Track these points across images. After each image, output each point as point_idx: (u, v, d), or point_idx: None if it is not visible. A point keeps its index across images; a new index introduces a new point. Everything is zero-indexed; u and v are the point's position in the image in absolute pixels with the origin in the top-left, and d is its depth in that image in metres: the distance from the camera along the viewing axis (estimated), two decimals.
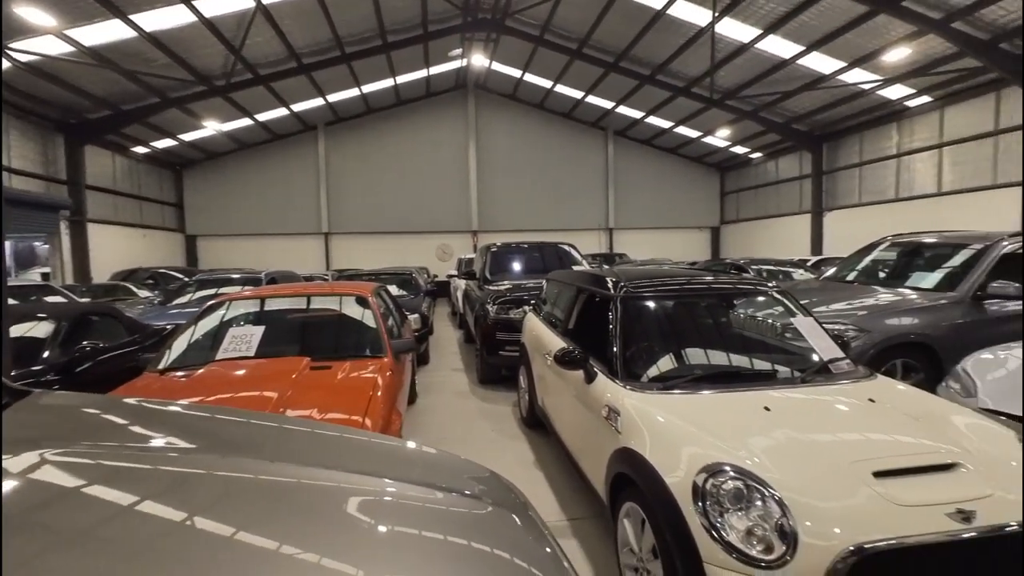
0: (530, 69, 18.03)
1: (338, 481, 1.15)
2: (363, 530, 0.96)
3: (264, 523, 0.90)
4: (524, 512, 1.20)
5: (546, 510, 3.14)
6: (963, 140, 12.82)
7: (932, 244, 5.72)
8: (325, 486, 1.11)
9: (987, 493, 1.70)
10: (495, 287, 6.65)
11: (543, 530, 1.12)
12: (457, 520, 1.02)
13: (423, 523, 1.02)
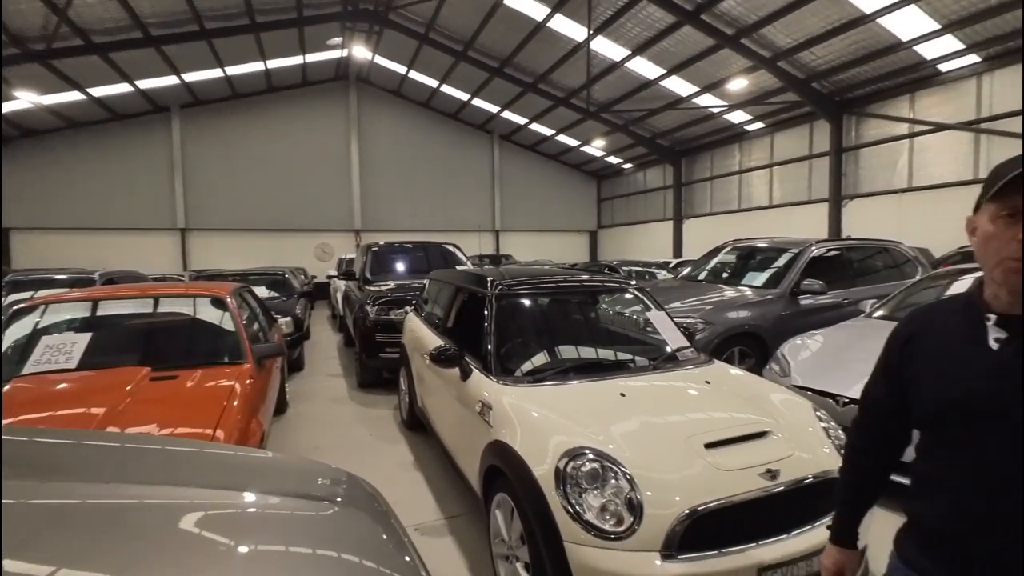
0: (415, 67, 17.76)
1: (175, 498, 1.06)
2: (198, 546, 0.89)
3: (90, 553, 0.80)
4: (378, 511, 1.18)
5: (424, 510, 3.11)
6: (788, 161, 15.20)
7: (762, 248, 6.68)
8: (161, 504, 1.02)
9: (788, 454, 2.03)
10: (376, 287, 6.43)
11: (396, 528, 1.11)
12: (302, 525, 0.97)
13: (263, 532, 0.96)
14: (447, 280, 4.15)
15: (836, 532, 1.21)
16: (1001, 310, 0.93)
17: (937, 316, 1.06)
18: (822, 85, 12.84)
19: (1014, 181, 0.86)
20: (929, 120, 11.64)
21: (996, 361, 0.92)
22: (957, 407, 0.96)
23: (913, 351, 1.05)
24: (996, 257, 0.90)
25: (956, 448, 0.97)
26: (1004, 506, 0.90)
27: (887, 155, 12.61)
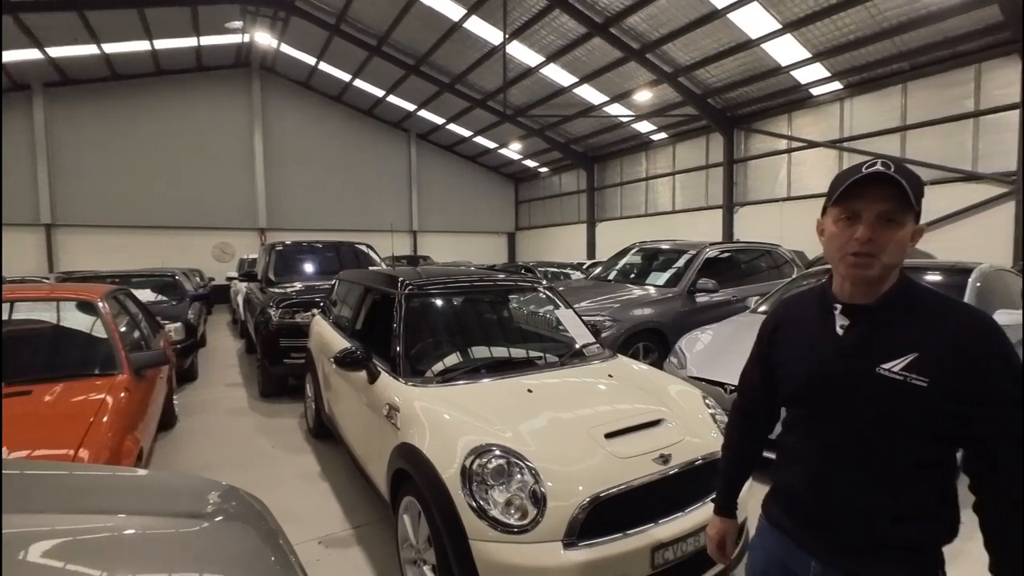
0: (326, 58, 16.95)
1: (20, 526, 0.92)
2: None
3: None
4: (264, 527, 1.10)
5: (330, 522, 2.96)
6: (688, 170, 16.39)
7: (665, 250, 7.14)
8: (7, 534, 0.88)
9: (679, 439, 2.18)
10: (280, 289, 6.04)
11: (283, 545, 1.05)
12: (164, 545, 0.88)
13: (118, 556, 0.86)
14: (356, 280, 4.00)
15: (718, 503, 1.36)
16: (845, 300, 1.06)
17: (798, 307, 1.19)
18: (716, 101, 14.01)
19: (850, 188, 0.99)
20: (803, 138, 13.12)
21: (841, 346, 1.05)
22: (811, 387, 1.08)
23: (779, 338, 1.19)
24: (839, 253, 1.03)
25: (811, 423, 1.11)
26: (848, 473, 1.03)
27: (770, 167, 14.03)
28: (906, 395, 0.95)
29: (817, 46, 11.00)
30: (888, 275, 1.01)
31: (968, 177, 10.43)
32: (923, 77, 10.93)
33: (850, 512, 1.02)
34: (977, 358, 0.94)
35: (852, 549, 1.02)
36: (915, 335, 0.98)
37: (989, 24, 9.32)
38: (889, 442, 0.98)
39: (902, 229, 0.97)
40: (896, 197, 0.96)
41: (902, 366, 0.96)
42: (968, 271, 4.25)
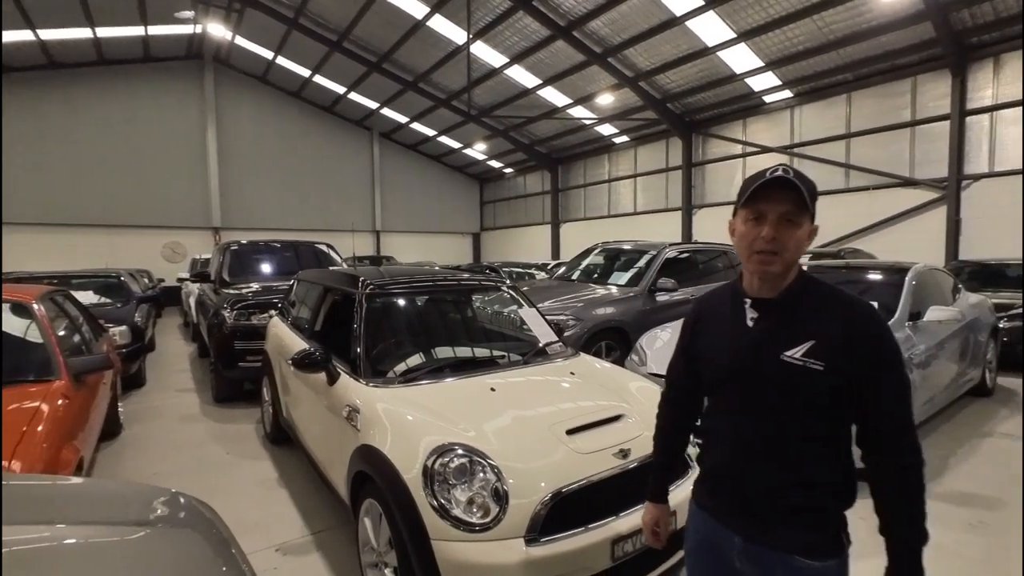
0: (284, 53, 16.46)
1: None
2: None
3: None
4: (214, 533, 1.06)
5: (288, 528, 2.88)
6: (649, 173, 16.78)
7: (626, 250, 7.28)
8: None
9: (639, 434, 2.23)
10: (235, 290, 5.83)
11: (230, 547, 1.01)
12: (98, 554, 0.83)
13: (46, 566, 0.80)
14: (315, 281, 3.90)
15: (651, 491, 1.44)
16: (754, 295, 1.16)
17: (715, 302, 1.29)
18: (675, 106, 14.41)
19: (756, 191, 1.08)
20: (757, 143, 13.66)
21: (751, 337, 1.14)
22: (727, 375, 1.18)
23: (699, 331, 1.29)
24: (748, 251, 1.11)
25: (728, 409, 1.21)
26: (760, 452, 1.13)
27: (726, 171, 14.54)
28: (806, 378, 1.06)
29: (769, 55, 11.47)
30: (789, 271, 1.12)
31: (906, 183, 11.11)
32: (865, 88, 11.57)
33: (763, 487, 1.12)
34: (864, 344, 1.06)
35: (768, 521, 1.12)
36: (812, 324, 1.09)
37: (923, 40, 9.95)
38: (793, 421, 1.09)
39: (800, 228, 1.08)
40: (794, 200, 1.06)
41: (802, 352, 1.07)
42: (905, 270, 4.52)
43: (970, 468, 3.54)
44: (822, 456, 1.10)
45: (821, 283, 1.14)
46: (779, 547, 1.10)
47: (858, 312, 1.09)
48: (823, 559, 1.08)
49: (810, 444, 1.10)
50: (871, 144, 11.60)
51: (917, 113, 10.88)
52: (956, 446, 3.93)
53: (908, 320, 4.05)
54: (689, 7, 10.48)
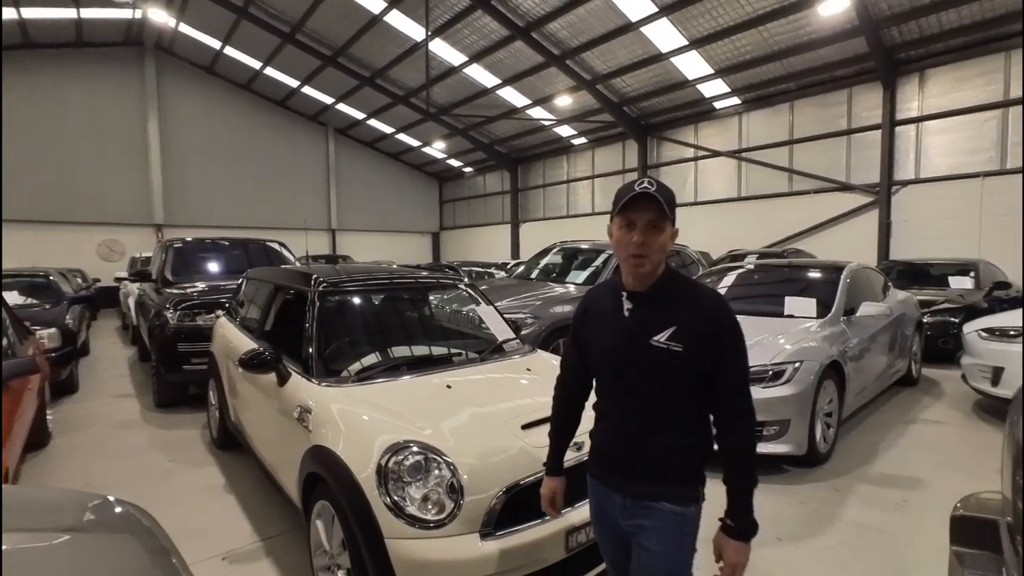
0: (233, 43, 15.78)
1: None
2: None
3: None
4: (146, 536, 1.01)
5: (236, 536, 2.77)
6: (606, 174, 17.12)
7: (584, 250, 7.41)
8: None
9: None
10: (179, 290, 5.55)
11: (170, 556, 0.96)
12: (32, 560, 0.78)
13: None
14: (265, 279, 3.76)
15: (548, 465, 1.62)
16: (629, 289, 1.34)
17: (600, 297, 1.46)
18: (631, 109, 14.77)
19: (626, 203, 1.24)
20: (708, 147, 14.18)
21: (626, 325, 1.33)
22: (608, 359, 1.37)
23: (587, 321, 1.46)
24: (624, 254, 1.29)
25: (609, 390, 1.40)
26: (634, 423, 1.34)
27: (680, 174, 15.02)
28: (669, 359, 1.26)
29: (719, 63, 11.93)
30: (657, 269, 1.31)
31: (843, 187, 11.81)
32: (807, 97, 12.22)
33: (640, 452, 1.34)
34: (716, 329, 1.28)
35: (643, 478, 1.34)
36: (675, 313, 1.29)
37: (858, 54, 10.61)
38: (663, 396, 1.31)
39: (663, 233, 1.27)
40: (657, 209, 1.24)
41: (666, 337, 1.27)
42: (841, 269, 4.81)
43: (897, 452, 3.81)
44: (686, 424, 1.33)
45: (684, 278, 1.39)
46: (652, 498, 1.32)
47: (711, 301, 1.31)
48: (684, 505, 1.32)
49: (676, 414, 1.32)
50: (812, 150, 12.27)
51: (852, 122, 11.59)
52: (885, 432, 4.22)
53: (843, 315, 4.31)
54: (643, 14, 10.77)
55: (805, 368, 3.51)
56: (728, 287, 5.29)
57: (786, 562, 2.47)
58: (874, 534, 2.70)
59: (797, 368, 3.50)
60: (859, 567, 2.43)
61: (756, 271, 5.54)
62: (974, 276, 7.72)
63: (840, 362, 3.82)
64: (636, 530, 1.34)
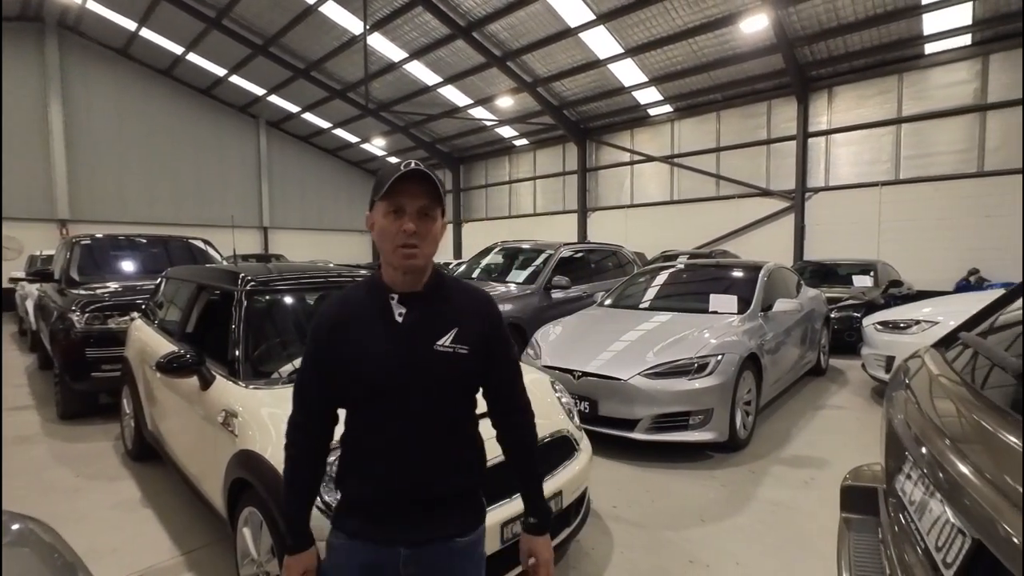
0: (151, 25, 14.66)
1: None
2: None
3: None
4: (47, 551, 0.95)
5: (155, 552, 2.60)
6: (547, 176, 17.43)
7: (524, 250, 7.51)
8: None
9: None
10: (87, 290, 5.10)
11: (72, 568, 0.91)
12: None
13: None
14: (187, 278, 3.55)
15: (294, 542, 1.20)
16: (400, 290, 1.14)
17: (351, 307, 1.17)
18: (571, 113, 15.13)
19: (394, 185, 1.07)
20: (643, 152, 14.80)
21: (403, 331, 1.12)
22: (384, 377, 1.10)
23: (337, 339, 1.13)
24: (392, 245, 1.09)
25: (386, 416, 1.11)
26: (421, 449, 1.12)
27: (617, 177, 15.57)
28: (457, 362, 1.12)
29: (653, 72, 12.49)
30: (429, 264, 1.15)
31: (763, 193, 12.70)
32: (731, 108, 13.04)
33: (426, 485, 1.12)
34: (492, 325, 1.19)
35: (432, 516, 1.13)
36: (454, 313, 1.16)
37: (775, 69, 11.45)
38: (447, 407, 1.15)
39: (436, 223, 1.12)
40: (429, 193, 1.10)
41: (450, 339, 1.12)
42: (759, 268, 5.19)
43: (806, 436, 4.17)
44: (465, 437, 1.20)
45: (448, 276, 1.23)
46: (442, 536, 1.14)
47: (483, 298, 1.23)
48: (473, 531, 1.19)
49: (459, 427, 1.18)
50: (737, 158, 13.12)
51: (772, 133, 12.50)
52: (797, 418, 4.61)
53: (761, 311, 4.66)
54: (582, 20, 11.07)
55: (726, 360, 3.76)
56: (660, 285, 5.57)
57: (707, 542, 2.65)
58: (784, 510, 2.95)
59: (719, 361, 3.74)
60: (771, 540, 2.65)
61: (685, 270, 5.86)
62: (873, 275, 8.56)
63: (758, 354, 4.13)
64: None
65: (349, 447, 1.17)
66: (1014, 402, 0.92)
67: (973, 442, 0.93)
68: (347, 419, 1.17)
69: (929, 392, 1.21)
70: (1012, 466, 0.80)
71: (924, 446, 1.02)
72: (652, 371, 3.69)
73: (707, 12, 10.27)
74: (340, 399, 1.17)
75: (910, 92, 10.62)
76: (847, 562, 1.35)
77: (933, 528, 0.91)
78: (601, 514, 2.92)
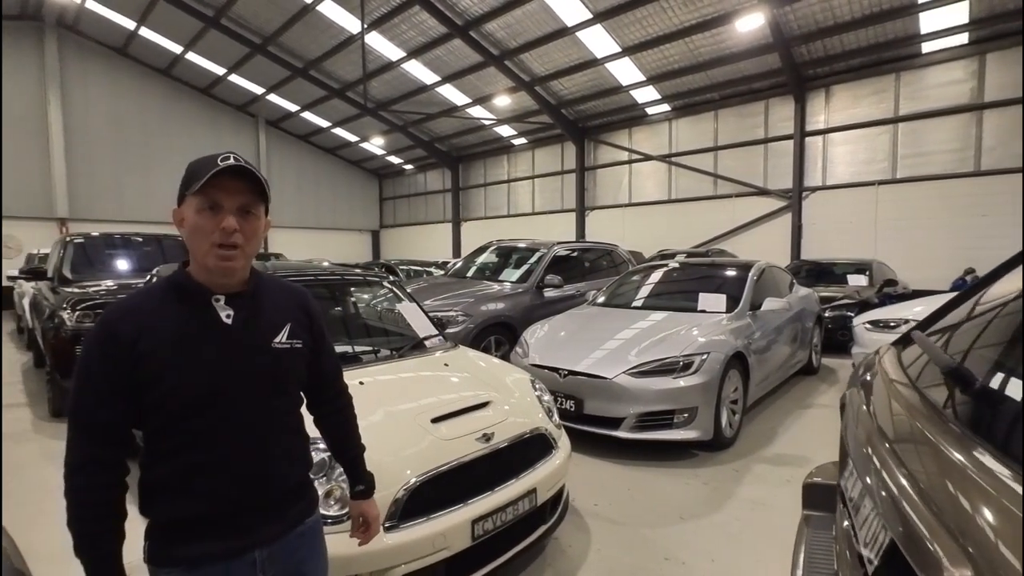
0: (149, 24, 14.69)
1: None
2: None
3: None
4: None
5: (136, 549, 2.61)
6: (546, 175, 17.43)
7: (519, 248, 7.52)
8: None
9: (503, 419, 2.35)
10: (79, 288, 5.13)
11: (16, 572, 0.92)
12: None
13: None
14: None
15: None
16: (222, 291, 1.07)
17: (152, 312, 1.04)
18: (569, 112, 15.12)
19: (211, 180, 1.01)
20: (640, 151, 14.78)
21: (235, 334, 1.07)
22: (211, 386, 1.03)
23: (145, 352, 1.00)
24: (205, 244, 1.01)
25: (209, 429, 1.03)
26: (260, 450, 1.09)
27: (615, 176, 15.56)
28: (294, 358, 1.16)
29: (650, 71, 12.47)
30: (248, 264, 1.10)
31: (760, 192, 12.68)
32: (729, 107, 13.02)
33: (268, 485, 1.10)
34: (314, 319, 1.25)
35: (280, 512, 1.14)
36: (281, 310, 1.17)
37: (772, 68, 11.43)
38: (279, 404, 1.14)
39: (259, 220, 1.07)
40: (251, 190, 1.04)
41: (285, 336, 1.14)
42: (749, 267, 5.20)
43: (792, 435, 4.17)
44: (294, 429, 1.19)
45: (263, 272, 1.19)
46: (294, 525, 1.16)
47: (303, 294, 1.27)
48: (315, 512, 1.27)
49: (288, 420, 1.17)
50: (734, 157, 13.10)
51: (769, 132, 12.48)
52: (784, 417, 4.61)
53: (749, 310, 4.66)
54: (579, 19, 11.07)
55: (712, 359, 3.77)
56: (651, 284, 5.58)
57: (685, 539, 2.66)
58: (762, 507, 2.96)
59: (704, 359, 3.75)
60: (747, 537, 2.66)
61: (676, 269, 5.86)
62: (868, 274, 8.55)
63: (744, 353, 4.13)
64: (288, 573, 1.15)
65: (163, 468, 1.03)
66: (945, 400, 0.94)
67: (904, 440, 0.94)
68: (154, 438, 1.04)
69: (877, 389, 1.23)
70: (931, 465, 0.81)
71: (862, 444, 1.04)
72: (637, 369, 3.70)
73: (703, 11, 10.26)
74: (146, 418, 1.02)
75: (906, 91, 10.60)
76: (802, 559, 1.37)
77: (863, 526, 0.92)
78: (581, 512, 2.94)
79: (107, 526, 1.02)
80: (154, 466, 1.05)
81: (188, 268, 1.08)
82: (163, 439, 1.04)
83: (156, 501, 1.05)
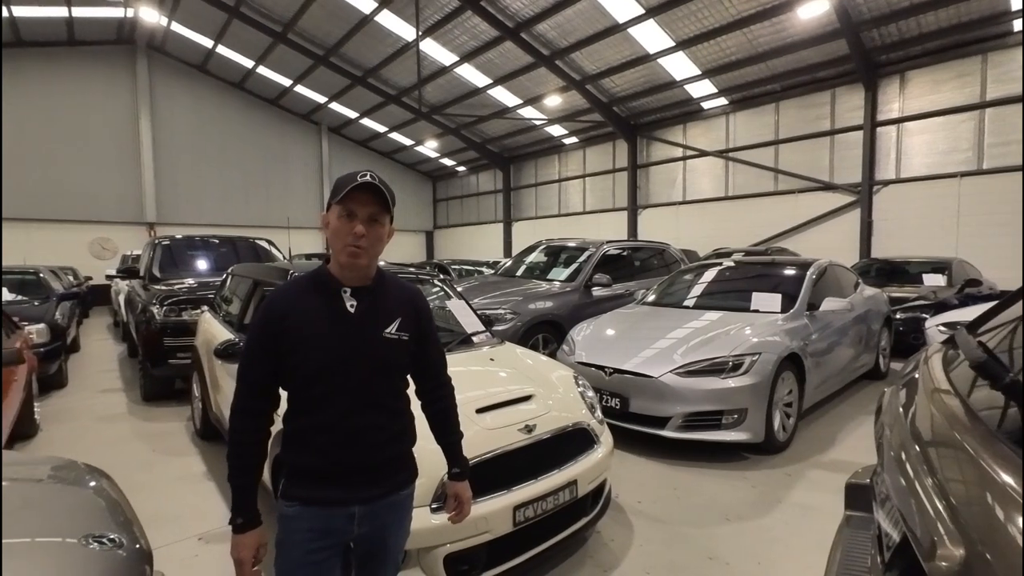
0: (225, 41, 15.86)
1: None
2: None
3: None
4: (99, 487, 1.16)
5: (212, 519, 2.91)
6: (597, 174, 17.27)
7: (568, 247, 7.55)
8: None
9: (545, 412, 2.43)
10: (166, 286, 5.67)
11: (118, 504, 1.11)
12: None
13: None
14: (246, 274, 3.90)
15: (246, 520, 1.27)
16: (351, 284, 1.31)
17: (299, 299, 1.29)
18: (620, 109, 14.92)
19: (348, 193, 1.25)
20: (696, 147, 14.35)
21: (355, 320, 1.30)
22: (335, 360, 1.26)
23: (289, 326, 1.25)
24: (340, 244, 1.26)
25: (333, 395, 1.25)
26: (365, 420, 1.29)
27: (669, 173, 15.19)
28: (400, 347, 1.35)
29: (705, 64, 12.10)
30: (374, 263, 1.33)
31: (826, 187, 12.00)
32: (791, 98, 12.40)
33: (374, 451, 1.31)
34: (424, 314, 1.44)
35: (381, 476, 1.34)
36: (395, 305, 1.37)
37: (839, 56, 10.79)
38: (389, 385, 1.36)
39: (384, 228, 1.31)
40: (379, 202, 1.28)
41: (395, 328, 1.34)
42: (808, 265, 4.98)
43: (852, 441, 3.98)
44: (404, 408, 1.40)
45: (389, 273, 1.43)
46: (391, 491, 1.36)
47: (416, 293, 1.45)
48: (409, 486, 1.43)
49: (397, 401, 1.38)
50: (796, 150, 12.46)
51: (835, 123, 11.78)
52: (845, 422, 4.40)
53: (807, 310, 4.48)
54: (630, 15, 10.92)
55: (763, 360, 3.67)
56: (704, 283, 5.46)
57: (729, 540, 2.63)
58: (813, 513, 2.87)
59: (755, 360, 3.65)
60: (795, 542, 2.59)
61: (730, 268, 5.70)
62: (947, 274, 7.91)
63: (800, 355, 3.98)
64: (375, 532, 1.33)
65: (295, 423, 1.29)
66: (976, 398, 0.93)
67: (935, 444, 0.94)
68: (291, 398, 1.30)
69: (917, 390, 1.21)
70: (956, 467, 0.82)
71: (895, 442, 1.04)
72: (684, 369, 3.66)
73: (762, 0, 9.85)
74: (286, 380, 1.28)
75: (995, 74, 9.69)
76: (838, 557, 1.36)
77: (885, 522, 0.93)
78: (625, 508, 2.96)
79: (248, 462, 1.29)
80: (289, 421, 1.31)
81: (328, 264, 1.34)
82: (296, 401, 1.30)
83: (287, 449, 1.31)
